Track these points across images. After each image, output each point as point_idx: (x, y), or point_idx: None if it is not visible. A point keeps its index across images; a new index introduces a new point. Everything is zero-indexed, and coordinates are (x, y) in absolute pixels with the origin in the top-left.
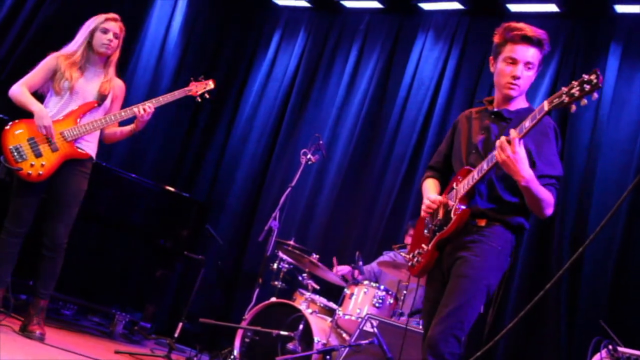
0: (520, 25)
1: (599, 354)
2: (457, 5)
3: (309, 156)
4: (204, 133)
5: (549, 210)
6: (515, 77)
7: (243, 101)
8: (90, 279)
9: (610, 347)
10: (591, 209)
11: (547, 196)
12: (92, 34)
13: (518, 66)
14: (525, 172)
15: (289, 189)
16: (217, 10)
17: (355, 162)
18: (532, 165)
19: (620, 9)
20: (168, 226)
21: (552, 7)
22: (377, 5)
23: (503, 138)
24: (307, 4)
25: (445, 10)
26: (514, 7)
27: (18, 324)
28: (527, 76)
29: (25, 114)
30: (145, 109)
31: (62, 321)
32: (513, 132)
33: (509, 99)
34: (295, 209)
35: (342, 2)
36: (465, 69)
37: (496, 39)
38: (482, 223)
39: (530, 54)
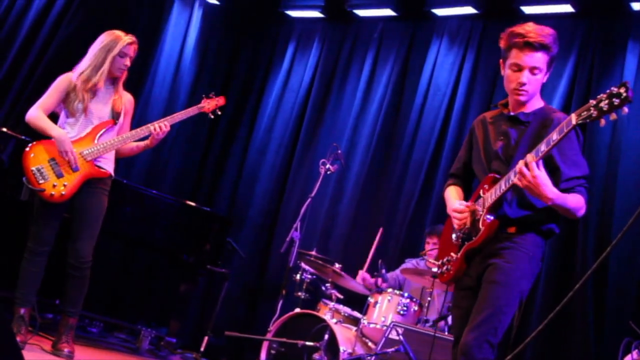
0: (524, 29)
1: (630, 355)
2: (470, 10)
3: (327, 166)
4: (222, 146)
5: (581, 212)
6: (522, 84)
7: (260, 113)
8: (115, 296)
9: None
10: (615, 210)
11: (576, 203)
12: (114, 59)
13: (523, 72)
14: (549, 192)
15: (309, 200)
16: (231, 25)
17: (374, 170)
18: (556, 170)
19: (636, 6)
20: (190, 241)
21: (567, 8)
22: (390, 12)
23: (521, 163)
24: (320, 15)
25: (458, 15)
26: (528, 9)
27: (45, 342)
28: (535, 80)
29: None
30: (161, 126)
31: (89, 339)
32: (529, 156)
33: (521, 103)
34: (315, 219)
35: (355, 11)
36: (481, 73)
37: (502, 44)
38: (512, 230)
39: (535, 59)
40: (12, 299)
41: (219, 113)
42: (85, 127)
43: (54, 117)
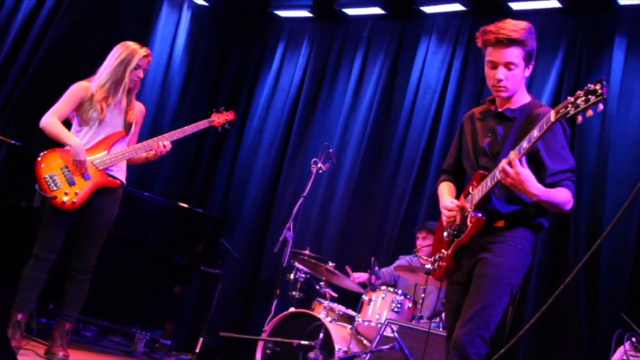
0: (495, 26)
1: (622, 346)
2: (458, 7)
3: (319, 165)
4: (214, 147)
5: (568, 206)
6: (499, 80)
7: (251, 114)
8: (109, 300)
9: (633, 339)
10: (605, 203)
11: (562, 197)
12: (131, 72)
13: (499, 69)
14: (533, 189)
15: (301, 199)
16: (220, 26)
17: (366, 169)
18: (542, 165)
19: (623, 1)
20: (183, 243)
21: (555, 3)
22: (379, 11)
23: (504, 162)
24: (309, 14)
25: (447, 12)
26: (516, 5)
27: (40, 347)
28: (513, 75)
29: (40, 139)
30: (164, 145)
31: (84, 342)
32: (512, 154)
33: (504, 99)
34: (308, 218)
35: (344, 10)
36: (470, 69)
37: (478, 43)
38: (501, 224)
39: (508, 54)
40: (11, 303)
41: (228, 127)
42: (96, 136)
43: (65, 124)
